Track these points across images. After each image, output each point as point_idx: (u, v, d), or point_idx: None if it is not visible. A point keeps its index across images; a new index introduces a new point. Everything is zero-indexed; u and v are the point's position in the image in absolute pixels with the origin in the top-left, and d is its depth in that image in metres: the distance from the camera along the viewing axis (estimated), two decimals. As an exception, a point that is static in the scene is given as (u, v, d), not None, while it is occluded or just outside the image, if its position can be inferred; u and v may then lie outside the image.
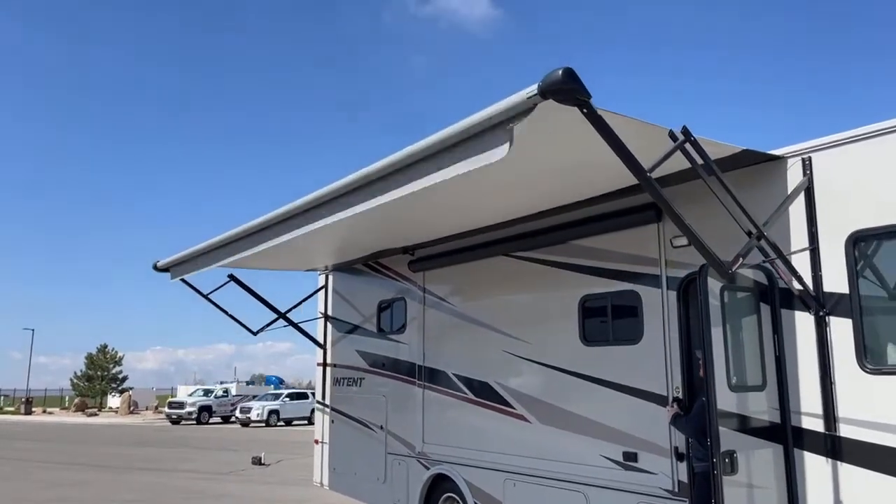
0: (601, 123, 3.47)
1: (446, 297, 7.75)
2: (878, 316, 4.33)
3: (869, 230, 4.27)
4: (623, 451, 5.53)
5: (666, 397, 5.26)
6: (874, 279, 4.33)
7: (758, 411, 4.57)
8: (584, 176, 5.21)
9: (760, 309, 4.67)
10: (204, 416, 37.80)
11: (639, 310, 5.57)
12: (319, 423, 9.86)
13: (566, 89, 3.28)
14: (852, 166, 4.41)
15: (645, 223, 5.53)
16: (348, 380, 9.30)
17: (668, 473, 5.20)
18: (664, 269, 5.40)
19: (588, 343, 6.01)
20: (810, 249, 4.50)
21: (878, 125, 4.30)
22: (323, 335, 9.93)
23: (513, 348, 6.74)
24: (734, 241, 4.25)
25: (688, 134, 3.95)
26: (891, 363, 4.18)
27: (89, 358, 62.97)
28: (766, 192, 4.74)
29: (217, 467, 16.70)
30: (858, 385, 4.21)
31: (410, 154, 4.36)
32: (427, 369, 7.88)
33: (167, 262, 8.54)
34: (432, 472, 7.53)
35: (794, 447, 4.46)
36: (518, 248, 6.78)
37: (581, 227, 6.09)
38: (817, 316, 4.38)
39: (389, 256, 8.54)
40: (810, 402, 4.42)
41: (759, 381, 4.60)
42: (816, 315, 4.38)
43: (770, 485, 4.50)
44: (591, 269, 6.02)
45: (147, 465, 17.30)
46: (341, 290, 9.66)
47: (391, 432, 8.30)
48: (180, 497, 12.24)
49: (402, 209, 6.11)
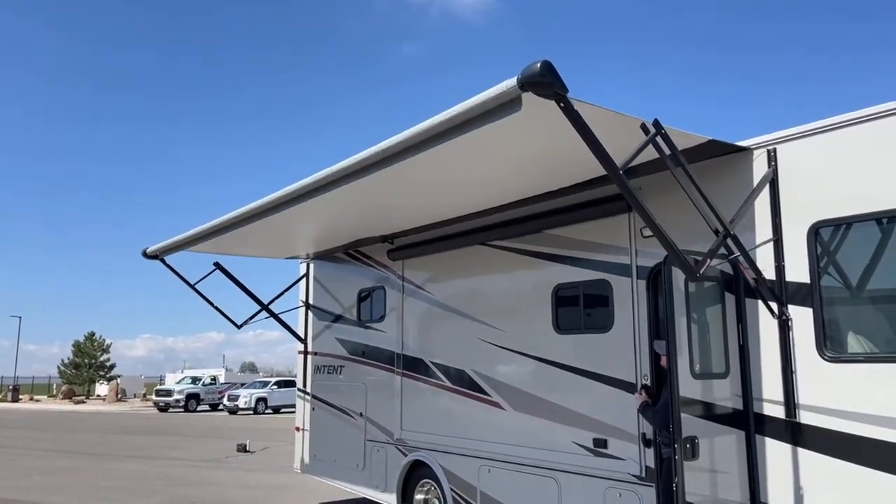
0: (577, 118, 3.53)
1: (424, 285, 7.80)
2: (838, 305, 4.41)
3: (830, 220, 4.34)
4: (593, 438, 5.62)
5: (635, 384, 5.35)
6: (834, 269, 4.41)
7: (721, 398, 4.66)
8: (559, 166, 5.26)
9: (725, 298, 4.74)
10: (192, 404, 37.82)
11: (610, 298, 5.64)
12: (300, 411, 9.93)
13: (544, 82, 3.35)
14: (815, 158, 4.47)
15: (616, 213, 5.59)
16: (329, 368, 9.35)
17: (636, 459, 5.29)
18: (634, 259, 5.47)
19: (561, 331, 6.08)
20: (774, 240, 4.57)
21: (839, 117, 4.36)
22: (304, 323, 9.97)
23: (488, 336, 6.81)
24: (706, 231, 4.32)
25: (659, 126, 4.00)
26: (850, 352, 4.27)
27: (77, 346, 62.77)
28: (733, 183, 4.80)
29: (202, 455, 16.74)
30: (818, 373, 4.30)
31: (386, 148, 4.52)
32: (406, 357, 7.94)
33: (156, 249, 8.54)
34: (410, 458, 7.60)
35: (755, 433, 4.55)
36: (494, 238, 6.84)
37: (555, 217, 6.15)
38: (779, 306, 4.45)
39: (369, 245, 8.58)
40: (772, 390, 4.51)
41: (723, 368, 4.68)
42: (778, 305, 4.45)
43: (732, 470, 4.60)
44: (565, 259, 6.08)
45: (132, 453, 17.32)
46: (322, 278, 9.69)
47: (370, 419, 8.36)
48: (163, 484, 12.28)
49: (382, 195, 6.17)
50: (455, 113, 3.87)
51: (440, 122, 4.02)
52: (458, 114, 3.86)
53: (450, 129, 4.02)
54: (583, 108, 3.57)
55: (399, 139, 4.42)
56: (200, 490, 11.64)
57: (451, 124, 3.98)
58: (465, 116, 3.84)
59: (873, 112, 4.21)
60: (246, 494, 11.16)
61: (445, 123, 4.00)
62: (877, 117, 4.19)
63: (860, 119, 4.27)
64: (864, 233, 4.27)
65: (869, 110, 4.23)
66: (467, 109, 3.77)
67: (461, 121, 3.90)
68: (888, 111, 4.14)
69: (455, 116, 3.89)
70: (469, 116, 3.82)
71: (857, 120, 4.29)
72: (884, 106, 4.17)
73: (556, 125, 3.63)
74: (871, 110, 4.23)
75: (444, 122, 4.00)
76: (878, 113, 4.18)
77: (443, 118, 3.99)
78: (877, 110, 4.20)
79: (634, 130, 3.98)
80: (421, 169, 5.13)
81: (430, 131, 4.15)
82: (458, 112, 3.85)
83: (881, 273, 4.26)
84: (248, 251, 9.54)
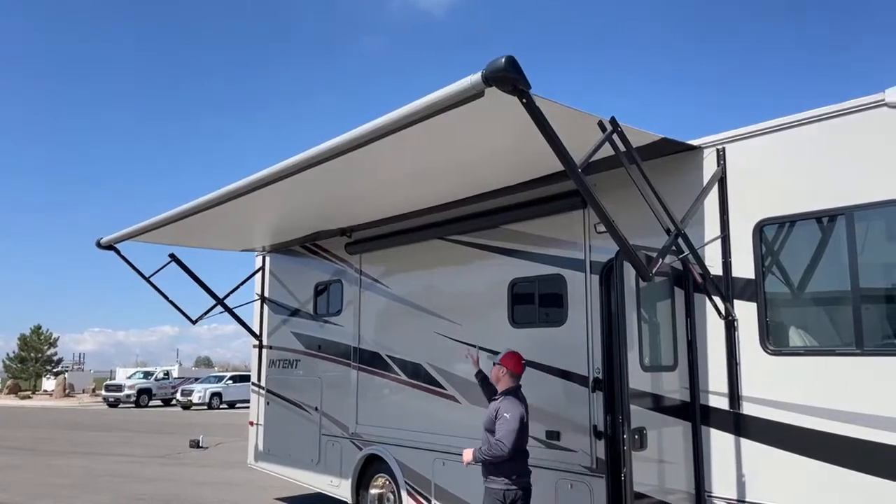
0: (538, 115, 3.57)
1: (382, 279, 7.78)
2: (781, 300, 4.57)
3: (774, 219, 4.49)
4: (546, 430, 5.70)
5: (587, 378, 5.44)
6: (778, 266, 4.56)
7: (669, 391, 4.78)
8: (517, 161, 5.31)
9: (675, 293, 4.86)
10: (143, 399, 37.01)
11: (564, 293, 5.72)
12: (254, 405, 9.81)
13: (508, 77, 3.38)
14: (761, 157, 4.62)
15: (572, 209, 5.67)
16: (284, 362, 9.25)
17: (587, 451, 5.38)
18: (588, 254, 5.56)
19: (516, 325, 6.14)
20: (722, 237, 4.70)
21: (786, 118, 4.51)
22: (259, 317, 9.85)
23: (445, 330, 6.84)
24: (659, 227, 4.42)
25: (615, 124, 4.08)
26: (791, 345, 4.42)
27: (22, 339, 60.76)
28: (685, 181, 4.92)
29: (153, 451, 16.39)
30: (760, 366, 4.45)
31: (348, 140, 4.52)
32: (362, 351, 7.91)
33: (111, 239, 8.32)
34: (365, 452, 7.59)
35: (701, 424, 4.68)
36: (452, 232, 6.86)
37: (512, 212, 6.20)
38: (724, 302, 4.58)
39: (327, 238, 8.51)
40: (718, 382, 4.64)
41: (671, 361, 4.80)
42: (724, 301, 4.58)
43: (679, 460, 4.72)
44: (521, 253, 6.15)
45: (79, 449, 16.87)
46: (278, 272, 9.58)
47: (326, 414, 8.31)
48: (110, 481, 11.98)
49: (341, 186, 6.15)
50: (418, 108, 3.91)
51: (402, 117, 4.05)
52: (421, 108, 3.89)
53: (411, 122, 4.06)
54: (544, 105, 3.62)
55: (360, 132, 4.41)
56: (149, 486, 11.40)
57: (412, 118, 4.02)
58: (428, 111, 3.87)
59: (817, 114, 4.36)
60: (196, 491, 10.97)
61: (408, 118, 4.03)
62: (821, 119, 4.35)
63: (805, 120, 4.42)
64: (805, 231, 4.43)
65: (813, 112, 4.39)
66: (431, 104, 3.81)
67: (423, 115, 3.93)
68: (830, 113, 4.30)
69: (418, 111, 3.93)
70: (432, 111, 3.85)
71: (802, 121, 4.44)
72: (827, 108, 4.33)
73: (516, 120, 3.68)
74: (815, 112, 4.38)
75: (406, 117, 4.04)
76: (822, 115, 4.34)
77: (405, 112, 4.01)
78: (820, 112, 4.35)
79: (592, 127, 4.05)
80: (380, 160, 5.14)
81: (391, 125, 4.17)
82: (421, 107, 3.89)
83: (822, 270, 4.42)
84: (204, 243, 9.38)
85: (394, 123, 4.13)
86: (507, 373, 5.10)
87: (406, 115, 4.02)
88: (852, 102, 4.20)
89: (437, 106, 3.79)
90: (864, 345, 4.02)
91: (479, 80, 3.45)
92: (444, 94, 3.71)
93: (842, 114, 4.25)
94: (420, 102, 3.90)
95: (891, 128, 4.03)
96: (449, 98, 3.69)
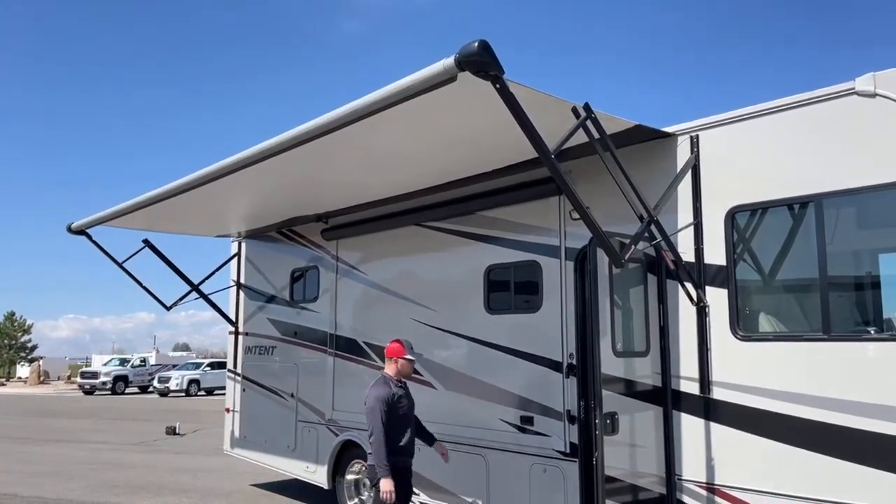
0: (512, 100, 3.56)
1: (359, 265, 7.75)
2: (751, 287, 4.62)
3: (746, 206, 4.53)
4: (520, 416, 5.74)
5: (561, 363, 5.47)
6: (749, 253, 4.61)
7: (641, 376, 4.83)
8: (492, 147, 5.29)
9: (648, 280, 4.90)
10: (119, 387, 36.67)
11: (539, 279, 5.73)
12: (230, 392, 9.76)
13: (481, 62, 3.36)
14: (734, 144, 4.65)
15: (547, 195, 5.68)
16: (260, 348, 9.20)
17: (560, 435, 5.43)
18: (563, 241, 5.57)
19: (492, 311, 6.15)
20: (694, 224, 4.74)
21: (758, 106, 4.54)
22: (235, 304, 9.77)
23: (421, 316, 6.83)
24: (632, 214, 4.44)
25: (589, 110, 4.07)
26: (761, 331, 4.48)
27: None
28: (658, 168, 4.95)
29: (128, 438, 16.25)
30: (731, 352, 4.50)
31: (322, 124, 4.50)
32: (338, 338, 7.89)
33: (82, 224, 8.17)
34: (341, 438, 7.59)
35: (672, 409, 4.74)
36: (428, 218, 6.84)
37: (488, 199, 6.20)
38: (696, 289, 4.63)
39: (303, 224, 8.44)
40: (689, 368, 4.70)
41: (644, 347, 4.84)
42: (695, 288, 4.62)
43: (650, 444, 4.78)
44: (497, 240, 6.15)
45: (53, 437, 16.67)
46: (254, 258, 9.50)
47: (302, 400, 8.29)
48: (85, 468, 11.85)
49: (316, 170, 6.09)
50: (391, 92, 3.90)
51: (375, 101, 4.05)
52: (394, 93, 3.88)
53: (384, 107, 4.04)
54: (518, 90, 3.60)
55: (332, 116, 4.38)
56: (124, 473, 11.30)
57: (384, 103, 4.01)
58: (401, 95, 3.86)
59: (789, 102, 4.40)
60: (172, 478, 10.89)
61: (380, 102, 4.03)
62: (793, 107, 4.38)
63: (777, 108, 4.45)
64: (776, 218, 4.48)
65: (785, 100, 4.42)
66: (404, 88, 3.79)
67: (396, 99, 3.91)
68: (802, 101, 4.34)
69: (390, 95, 3.92)
70: (405, 95, 3.84)
71: (774, 109, 4.47)
72: (797, 96, 4.37)
73: (491, 106, 3.66)
74: (787, 100, 4.42)
75: (378, 101, 4.04)
76: (794, 103, 4.38)
77: (377, 97, 4.00)
78: (792, 100, 4.39)
79: (566, 113, 4.04)
80: (354, 145, 5.10)
81: (363, 110, 4.16)
82: (393, 91, 3.88)
83: (792, 257, 4.48)
84: (178, 228, 9.26)
85: (366, 108, 4.10)
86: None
87: (378, 99, 3.99)
88: (823, 91, 4.24)
89: (410, 90, 3.78)
90: (831, 331, 4.08)
91: (451, 65, 3.44)
92: (417, 78, 3.69)
93: (813, 102, 4.29)
94: (392, 87, 3.88)
95: (860, 116, 4.07)
96: (422, 82, 3.68)
